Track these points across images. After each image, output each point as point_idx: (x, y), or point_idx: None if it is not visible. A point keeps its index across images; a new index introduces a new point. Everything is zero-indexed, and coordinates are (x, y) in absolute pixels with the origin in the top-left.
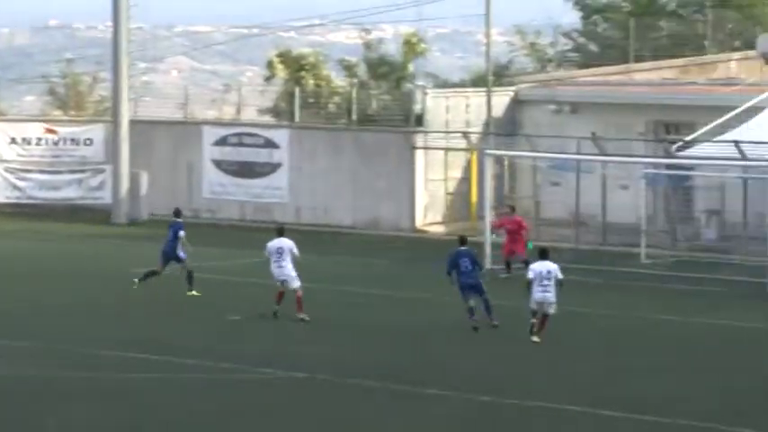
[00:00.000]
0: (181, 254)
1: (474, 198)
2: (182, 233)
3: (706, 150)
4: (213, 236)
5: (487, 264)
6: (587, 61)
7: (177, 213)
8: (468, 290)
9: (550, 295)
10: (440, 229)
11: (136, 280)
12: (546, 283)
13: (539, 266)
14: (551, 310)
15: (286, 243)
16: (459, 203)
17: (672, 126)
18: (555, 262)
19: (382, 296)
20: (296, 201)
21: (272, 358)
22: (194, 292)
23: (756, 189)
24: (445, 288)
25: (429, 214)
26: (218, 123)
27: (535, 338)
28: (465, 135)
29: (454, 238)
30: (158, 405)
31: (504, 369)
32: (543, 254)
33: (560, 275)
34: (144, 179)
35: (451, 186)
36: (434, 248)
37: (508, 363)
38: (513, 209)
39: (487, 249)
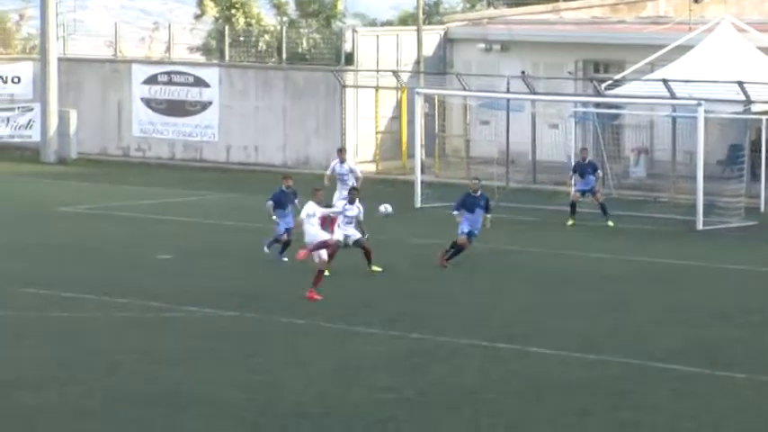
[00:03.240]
0: None
1: (404, 137)
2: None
3: (635, 89)
4: (143, 175)
5: (417, 203)
6: (517, 0)
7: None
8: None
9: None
10: (370, 167)
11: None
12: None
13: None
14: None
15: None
16: (390, 142)
17: (601, 64)
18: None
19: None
20: (226, 140)
21: (200, 296)
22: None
23: (685, 127)
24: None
25: (359, 153)
26: (147, 62)
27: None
28: (395, 74)
29: (385, 177)
30: (92, 343)
31: (426, 307)
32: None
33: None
34: (73, 117)
35: (382, 125)
36: (365, 187)
37: (429, 302)
38: None
39: (418, 188)
